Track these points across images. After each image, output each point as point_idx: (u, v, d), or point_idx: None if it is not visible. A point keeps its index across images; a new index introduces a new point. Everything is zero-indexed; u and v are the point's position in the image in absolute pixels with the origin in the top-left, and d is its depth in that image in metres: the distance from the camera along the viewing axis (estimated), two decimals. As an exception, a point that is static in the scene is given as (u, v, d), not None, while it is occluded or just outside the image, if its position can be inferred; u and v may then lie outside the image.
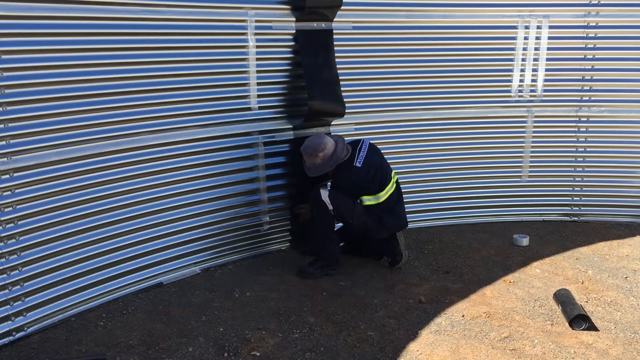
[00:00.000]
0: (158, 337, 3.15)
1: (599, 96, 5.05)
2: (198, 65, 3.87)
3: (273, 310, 3.47)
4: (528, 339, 3.16)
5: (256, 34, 4.05)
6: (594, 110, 5.05)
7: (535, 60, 4.93)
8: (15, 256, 3.13)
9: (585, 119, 5.08)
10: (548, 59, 4.93)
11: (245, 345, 3.08)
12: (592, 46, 4.97)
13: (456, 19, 4.80)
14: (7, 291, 3.10)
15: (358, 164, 3.90)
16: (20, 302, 3.15)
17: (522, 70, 4.95)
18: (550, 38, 4.89)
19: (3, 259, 3.08)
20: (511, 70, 4.95)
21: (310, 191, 3.95)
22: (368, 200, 3.96)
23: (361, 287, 3.79)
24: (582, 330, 3.25)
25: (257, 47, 4.07)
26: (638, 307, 3.54)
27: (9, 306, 3.10)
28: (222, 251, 4.17)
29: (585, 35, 4.95)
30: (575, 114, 5.07)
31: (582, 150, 5.13)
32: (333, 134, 4.04)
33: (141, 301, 3.58)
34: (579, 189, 5.18)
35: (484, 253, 4.38)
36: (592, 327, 3.28)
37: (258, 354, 3.00)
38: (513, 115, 5.03)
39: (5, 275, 3.09)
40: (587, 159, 5.14)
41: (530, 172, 5.13)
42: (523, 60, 4.93)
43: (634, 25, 4.93)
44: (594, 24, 4.93)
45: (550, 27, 4.87)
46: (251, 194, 4.26)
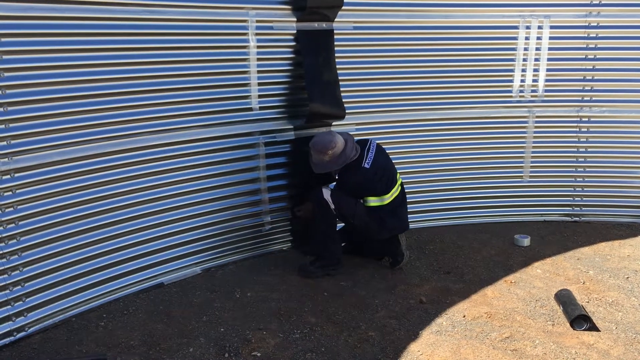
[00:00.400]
0: (159, 338, 3.15)
1: (600, 96, 5.04)
2: (199, 65, 3.87)
3: (274, 310, 3.47)
4: (529, 340, 3.16)
5: (257, 34, 4.05)
6: (595, 110, 5.05)
7: (536, 60, 4.92)
8: (16, 256, 3.14)
9: (586, 119, 5.07)
10: (549, 59, 4.93)
11: (246, 345, 3.08)
12: (593, 46, 4.97)
13: (457, 19, 4.80)
14: (8, 291, 3.10)
15: (367, 165, 3.87)
16: (21, 303, 3.15)
17: (523, 70, 4.94)
18: (551, 38, 4.89)
19: (4, 259, 3.08)
20: (512, 70, 4.94)
21: (311, 190, 3.95)
22: (373, 201, 3.95)
23: (362, 288, 3.79)
24: (584, 330, 3.25)
25: (258, 48, 4.07)
26: (639, 308, 3.54)
27: (10, 306, 3.10)
28: (223, 251, 4.17)
29: (586, 35, 4.95)
30: (576, 114, 5.06)
31: (584, 150, 5.12)
32: (343, 132, 4.00)
33: (142, 301, 3.58)
34: (580, 189, 5.17)
35: (485, 253, 4.38)
36: (594, 328, 3.28)
37: (259, 355, 3.00)
38: (514, 115, 5.03)
39: (6, 275, 3.09)
40: (589, 159, 5.14)
41: (531, 172, 5.13)
42: (524, 60, 4.92)
43: (635, 25, 4.92)
44: (595, 24, 4.92)
45: (551, 27, 4.86)
46: (252, 194, 4.26)
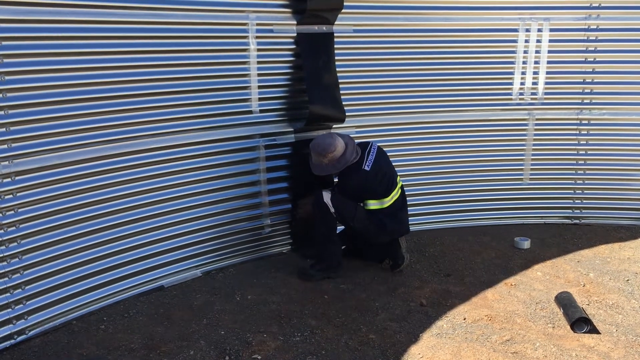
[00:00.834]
0: (159, 341, 3.15)
1: (600, 99, 5.04)
2: (199, 68, 3.87)
3: (274, 313, 3.47)
4: (529, 342, 3.16)
5: (257, 37, 4.05)
6: (595, 112, 5.05)
7: (536, 63, 4.92)
8: (17, 259, 3.14)
9: (586, 122, 5.07)
10: (549, 62, 4.93)
11: (246, 348, 3.08)
12: (593, 49, 4.97)
13: (457, 22, 4.80)
14: (9, 294, 3.10)
15: (367, 168, 3.87)
16: (21, 306, 3.16)
17: (523, 73, 4.94)
18: (551, 41, 4.89)
19: (5, 262, 3.09)
20: (512, 73, 4.94)
21: (311, 193, 3.95)
22: (373, 204, 3.95)
23: (362, 290, 3.79)
24: (584, 333, 3.25)
25: (259, 51, 4.07)
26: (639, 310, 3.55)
27: (11, 309, 3.11)
28: (224, 254, 4.17)
29: (586, 38, 4.95)
30: (576, 117, 5.06)
31: (584, 152, 5.12)
32: (344, 134, 3.99)
33: (142, 304, 3.58)
34: (580, 192, 5.17)
35: (485, 256, 4.38)
36: (594, 330, 3.28)
37: (259, 357, 3.00)
38: (514, 118, 5.03)
39: (7, 278, 3.09)
40: (589, 162, 5.13)
41: (531, 175, 5.13)
42: (524, 63, 4.92)
43: (635, 28, 4.92)
44: (595, 27, 4.93)
45: (551, 30, 4.87)
46: (252, 197, 4.26)
